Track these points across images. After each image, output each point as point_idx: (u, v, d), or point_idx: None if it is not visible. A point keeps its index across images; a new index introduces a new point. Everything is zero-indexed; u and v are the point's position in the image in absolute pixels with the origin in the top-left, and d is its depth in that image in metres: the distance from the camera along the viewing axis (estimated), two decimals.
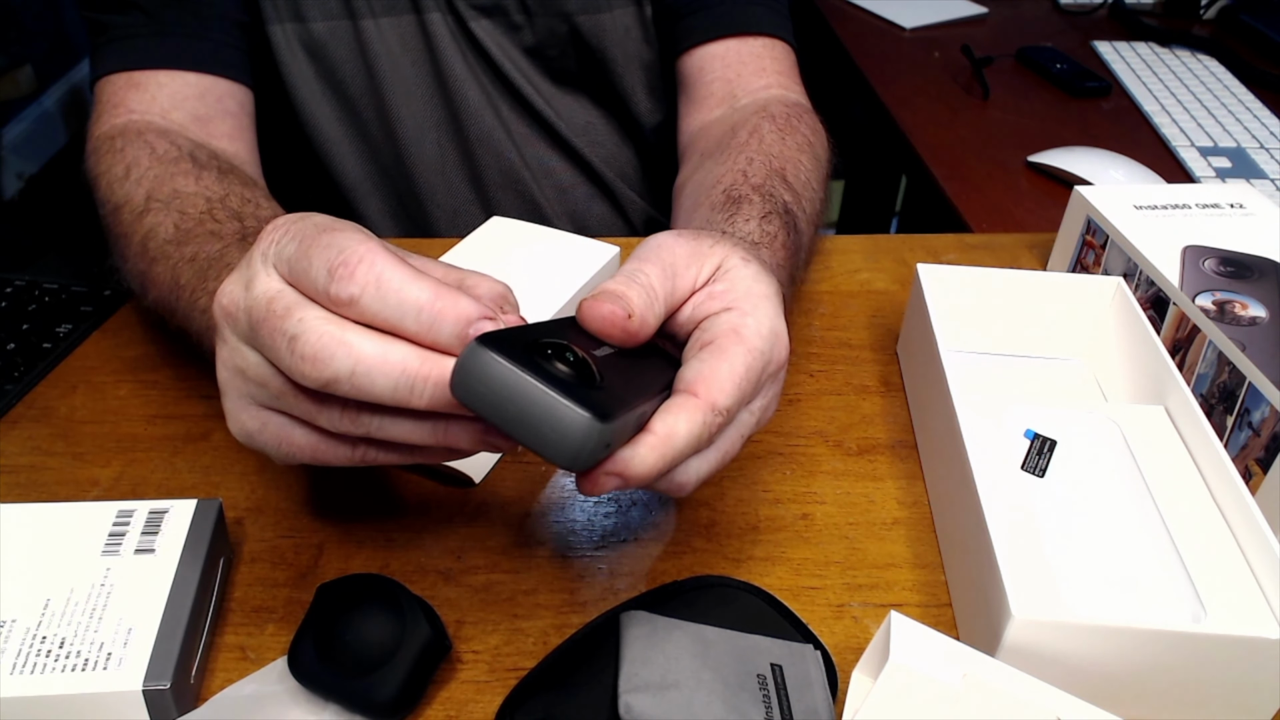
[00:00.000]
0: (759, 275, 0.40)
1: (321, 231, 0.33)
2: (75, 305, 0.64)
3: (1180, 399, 0.50)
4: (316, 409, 0.34)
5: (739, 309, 0.38)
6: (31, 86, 2.16)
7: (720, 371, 0.36)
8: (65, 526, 0.43)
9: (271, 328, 0.33)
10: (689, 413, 0.35)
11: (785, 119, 0.65)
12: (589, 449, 0.30)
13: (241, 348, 0.35)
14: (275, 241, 0.34)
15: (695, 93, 0.73)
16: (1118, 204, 0.65)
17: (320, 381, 0.32)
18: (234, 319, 0.35)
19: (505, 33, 0.74)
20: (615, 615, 0.40)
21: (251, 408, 0.36)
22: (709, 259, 0.40)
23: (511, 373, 0.29)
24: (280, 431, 0.36)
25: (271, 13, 0.70)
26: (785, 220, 0.53)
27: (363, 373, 0.32)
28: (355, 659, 0.38)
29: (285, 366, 0.33)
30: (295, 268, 0.33)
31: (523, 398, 0.29)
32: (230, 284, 0.36)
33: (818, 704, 0.37)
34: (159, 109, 0.63)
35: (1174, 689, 0.39)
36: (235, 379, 0.36)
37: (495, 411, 0.30)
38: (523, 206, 0.81)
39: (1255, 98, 1.06)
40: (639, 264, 0.38)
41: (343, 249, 0.32)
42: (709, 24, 0.72)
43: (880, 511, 0.51)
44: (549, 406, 0.29)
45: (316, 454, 0.36)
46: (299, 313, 0.32)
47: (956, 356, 0.60)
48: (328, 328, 0.32)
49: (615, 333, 0.35)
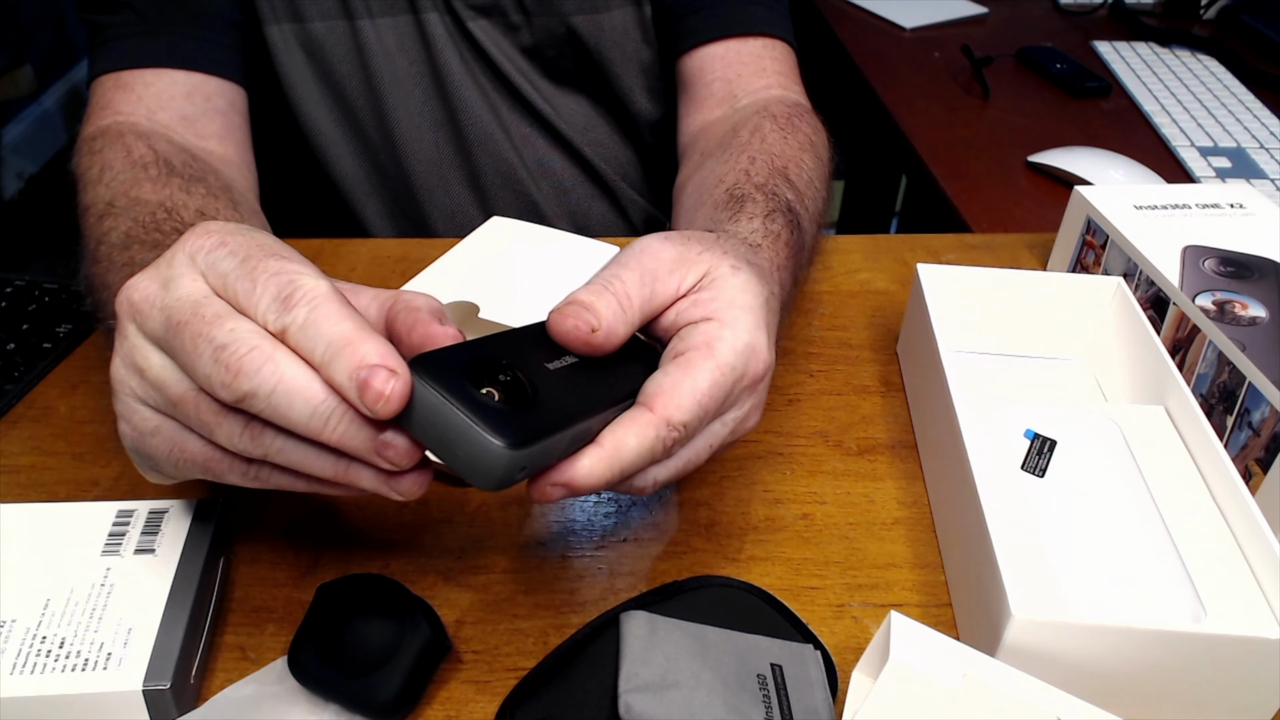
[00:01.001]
0: (746, 285, 0.39)
1: (269, 255, 0.33)
2: (75, 305, 0.64)
3: (1180, 399, 0.50)
4: (215, 422, 0.33)
5: (718, 319, 0.38)
6: (31, 86, 2.16)
7: (682, 387, 0.36)
8: (65, 526, 0.43)
9: (195, 331, 0.32)
10: (640, 427, 0.35)
11: (787, 118, 0.65)
12: (501, 474, 0.31)
13: (145, 346, 0.34)
14: (206, 249, 0.34)
15: (695, 93, 0.73)
16: (1118, 204, 0.65)
17: (237, 394, 0.31)
18: (144, 316, 0.34)
19: (503, 33, 0.74)
20: (615, 615, 0.40)
21: (143, 409, 0.35)
22: (695, 265, 0.39)
23: (434, 397, 0.31)
24: (174, 437, 0.35)
25: (269, 13, 0.69)
26: (789, 219, 0.53)
27: (282, 393, 0.31)
28: (355, 659, 0.38)
29: (202, 374, 0.32)
30: (232, 285, 0.33)
31: (444, 422, 0.31)
32: (143, 279, 0.34)
33: (818, 704, 0.37)
34: (145, 109, 0.63)
35: (1174, 689, 0.39)
36: (131, 377, 0.35)
37: (421, 433, 0.31)
38: (521, 207, 0.81)
39: (1255, 98, 1.06)
40: (617, 269, 0.38)
41: (291, 280, 0.32)
42: (709, 24, 0.72)
43: (880, 511, 0.51)
44: (464, 432, 0.30)
45: (209, 467, 0.35)
46: (230, 322, 0.32)
47: (956, 356, 0.60)
48: (259, 342, 0.31)
49: (580, 346, 0.36)
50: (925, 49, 1.22)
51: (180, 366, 0.33)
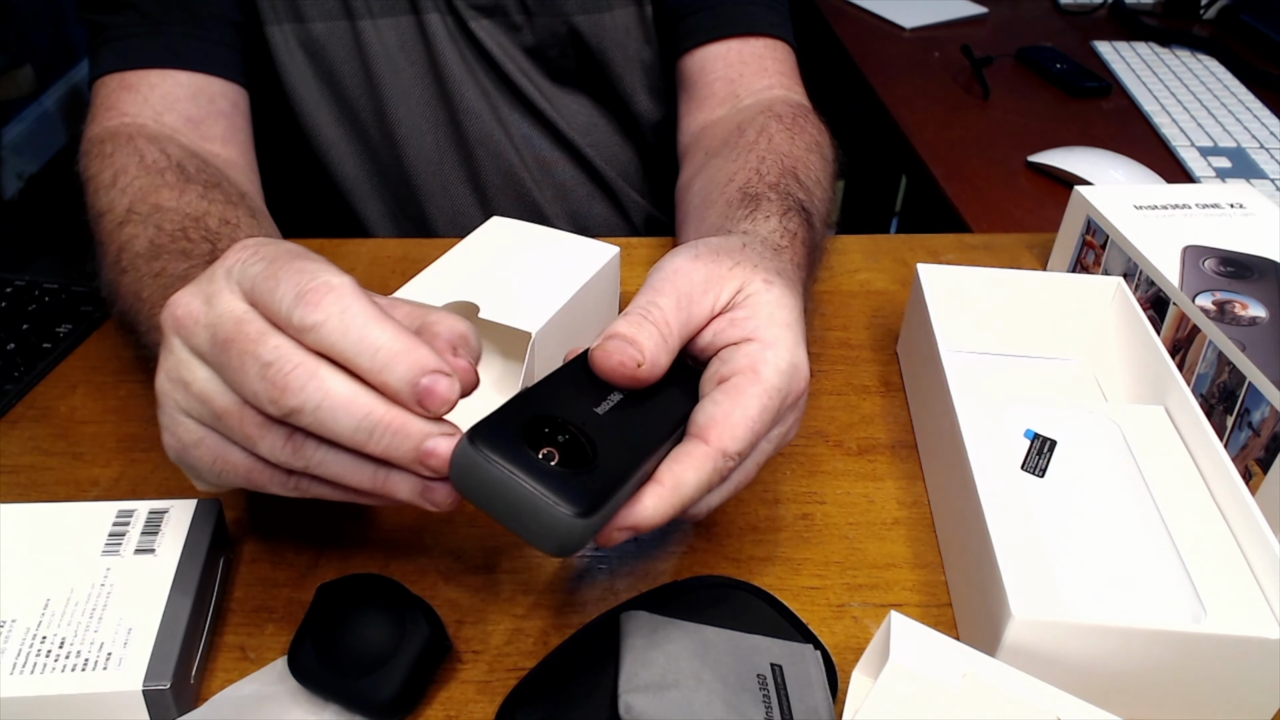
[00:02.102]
0: (781, 300, 0.39)
1: (294, 257, 0.34)
2: (75, 305, 0.64)
3: (1180, 399, 0.50)
4: (259, 435, 0.34)
5: (759, 340, 0.38)
6: (31, 86, 2.16)
7: (734, 416, 0.36)
8: (65, 526, 0.43)
9: (241, 349, 0.32)
10: (697, 461, 0.35)
11: (792, 119, 0.65)
12: (573, 543, 0.31)
13: (190, 360, 0.35)
14: (242, 261, 0.34)
15: (696, 92, 0.73)
16: (1118, 204, 0.65)
17: (284, 410, 0.32)
18: (188, 332, 0.34)
19: (505, 33, 0.74)
20: (615, 615, 0.40)
21: (187, 421, 0.36)
22: (728, 282, 0.39)
23: (499, 472, 0.31)
24: (217, 449, 0.36)
25: (270, 14, 0.69)
26: (803, 218, 0.53)
27: (328, 409, 0.32)
28: (355, 659, 0.38)
29: (250, 389, 0.32)
30: (259, 287, 0.33)
31: (511, 495, 0.31)
32: (186, 295, 0.35)
33: (818, 704, 0.37)
34: (151, 111, 0.63)
35: (1174, 689, 0.39)
36: (176, 391, 0.35)
37: (489, 505, 0.31)
38: (522, 207, 0.81)
39: (1255, 98, 1.06)
40: (653, 295, 0.38)
41: (315, 276, 0.32)
42: (710, 24, 0.72)
43: (880, 511, 0.51)
44: (534, 504, 0.31)
45: (251, 478, 0.36)
46: (273, 339, 0.32)
47: (956, 356, 0.60)
48: (303, 358, 0.32)
49: (626, 381, 0.36)
50: (925, 49, 1.22)
51: (226, 381, 0.34)
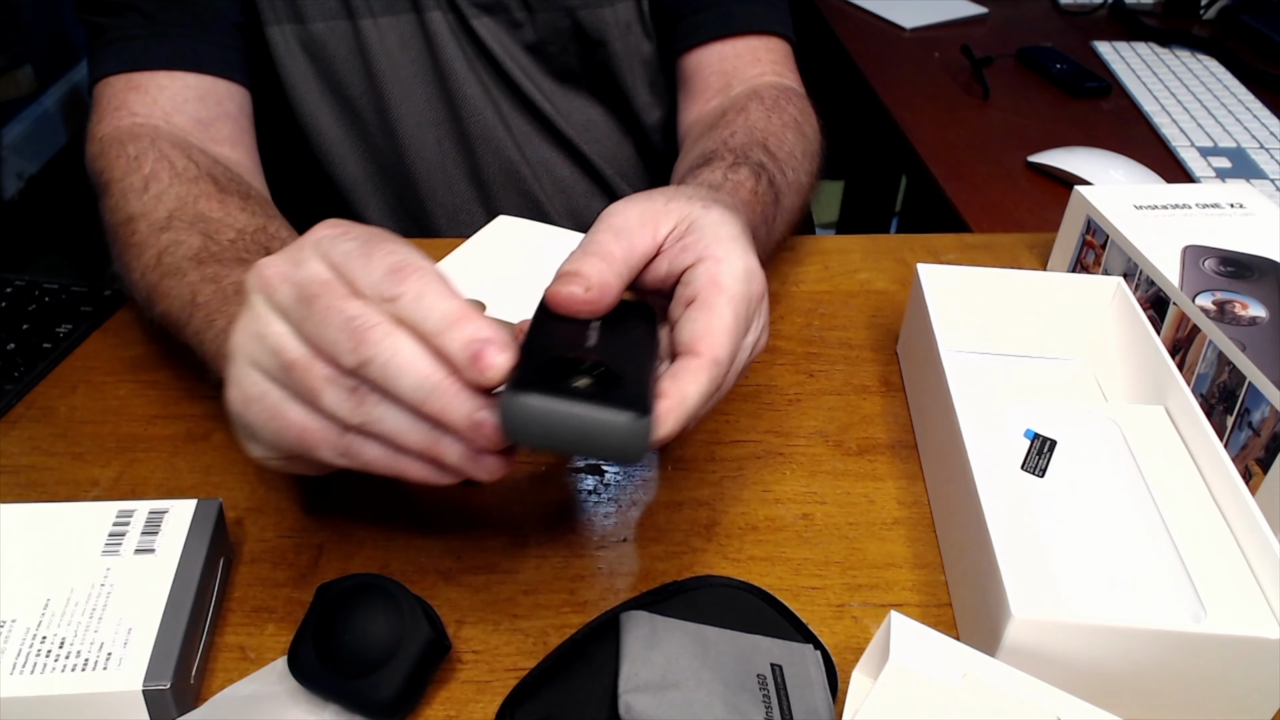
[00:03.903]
0: (722, 219, 0.42)
1: (385, 239, 0.36)
2: (75, 305, 0.64)
3: (1180, 399, 0.50)
4: (323, 387, 0.36)
5: (711, 257, 0.40)
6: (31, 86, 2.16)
7: (714, 326, 0.39)
8: (65, 526, 0.43)
9: (328, 304, 0.35)
10: (695, 373, 0.38)
11: (774, 100, 0.67)
12: (643, 443, 0.34)
13: (269, 314, 0.37)
14: (331, 236, 0.37)
15: (693, 87, 0.75)
16: (1118, 204, 0.65)
17: (359, 359, 0.34)
18: (272, 289, 0.37)
19: (506, 29, 0.74)
20: (615, 615, 0.40)
21: (254, 374, 0.38)
22: (665, 215, 0.42)
23: (558, 408, 0.33)
24: (276, 405, 0.37)
25: (270, 14, 0.69)
26: (756, 172, 0.55)
27: (396, 364, 0.34)
28: (355, 659, 0.38)
29: (329, 339, 0.35)
30: (350, 262, 0.36)
31: (576, 424, 0.33)
32: (275, 261, 0.37)
33: (818, 704, 0.37)
34: (161, 112, 0.63)
35: (1174, 689, 0.39)
36: (250, 343, 0.37)
37: (554, 442, 0.33)
38: (523, 204, 0.81)
39: (1255, 98, 1.06)
40: (590, 234, 0.41)
41: (405, 258, 0.35)
42: (709, 24, 0.74)
43: (880, 511, 0.51)
44: (602, 423, 0.33)
45: (304, 438, 0.37)
46: (356, 300, 0.35)
47: (956, 356, 0.60)
48: (381, 318, 0.35)
49: (582, 308, 0.38)
50: (925, 49, 1.22)
51: (304, 334, 0.36)
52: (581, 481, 0.52)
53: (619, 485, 0.52)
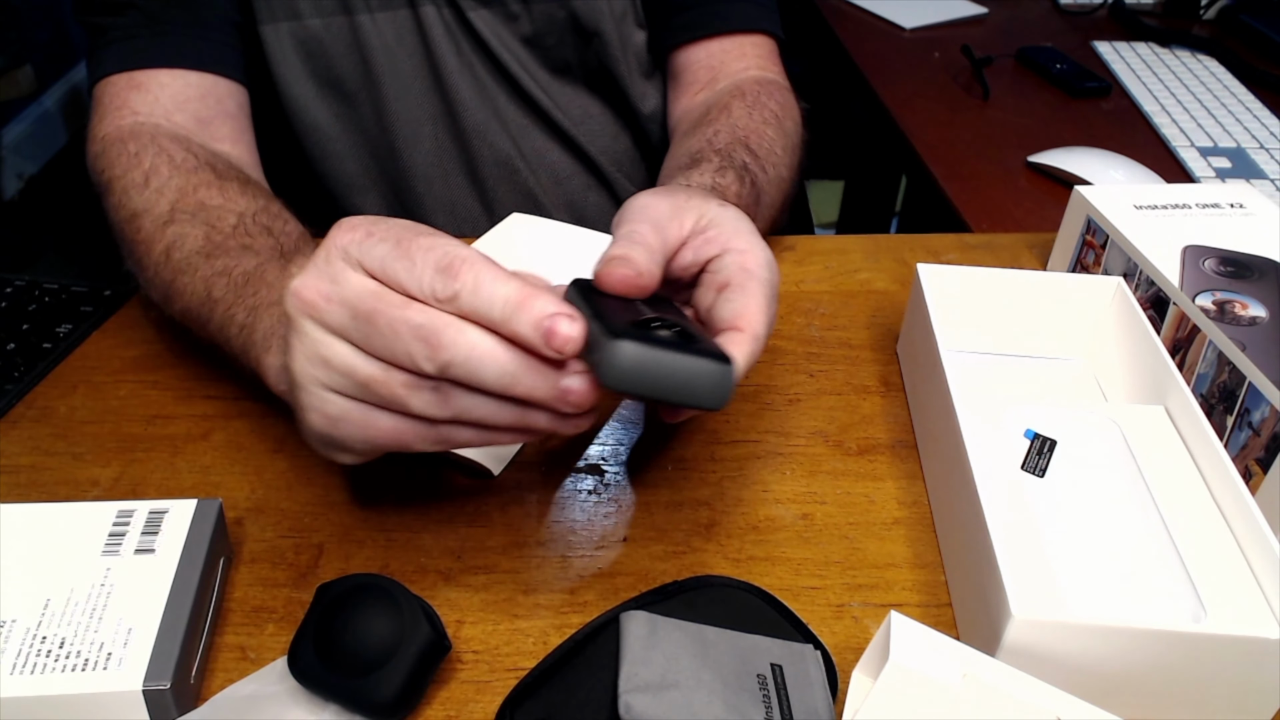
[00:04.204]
0: (739, 216, 0.46)
1: (416, 234, 0.36)
2: (75, 305, 0.64)
3: (1180, 399, 0.50)
4: (407, 394, 0.37)
5: (736, 248, 0.44)
6: (31, 86, 2.16)
7: (750, 306, 0.43)
8: (65, 526, 0.43)
9: (390, 317, 0.35)
10: (740, 345, 0.41)
11: (755, 96, 0.69)
12: (731, 390, 0.36)
13: (327, 338, 0.37)
14: (356, 243, 0.36)
15: (681, 81, 0.78)
16: (1118, 204, 0.65)
17: (440, 364, 0.35)
18: (322, 311, 0.37)
19: (503, 22, 0.74)
20: (615, 615, 0.40)
21: (331, 396, 0.38)
22: (689, 211, 0.45)
23: (656, 356, 0.35)
24: (364, 419, 0.38)
25: (265, 12, 0.69)
26: (740, 175, 0.58)
27: (477, 358, 0.35)
28: (355, 659, 0.38)
29: (404, 351, 0.35)
30: (391, 266, 0.36)
31: (672, 370, 0.35)
32: (306, 279, 0.37)
33: (818, 704, 0.37)
34: (162, 110, 0.63)
35: (1174, 689, 0.39)
36: (316, 369, 0.38)
37: (651, 388, 0.35)
38: (519, 198, 0.81)
39: (1255, 98, 1.06)
40: (631, 225, 0.43)
41: (447, 252, 0.35)
42: (700, 23, 0.76)
43: (880, 511, 0.51)
44: (698, 370, 0.35)
45: (399, 438, 0.39)
46: (415, 306, 0.35)
47: (956, 356, 0.60)
48: (448, 318, 0.35)
49: (633, 290, 0.41)
50: (925, 49, 1.22)
51: (372, 350, 0.36)
52: (581, 481, 0.52)
53: (619, 485, 0.52)
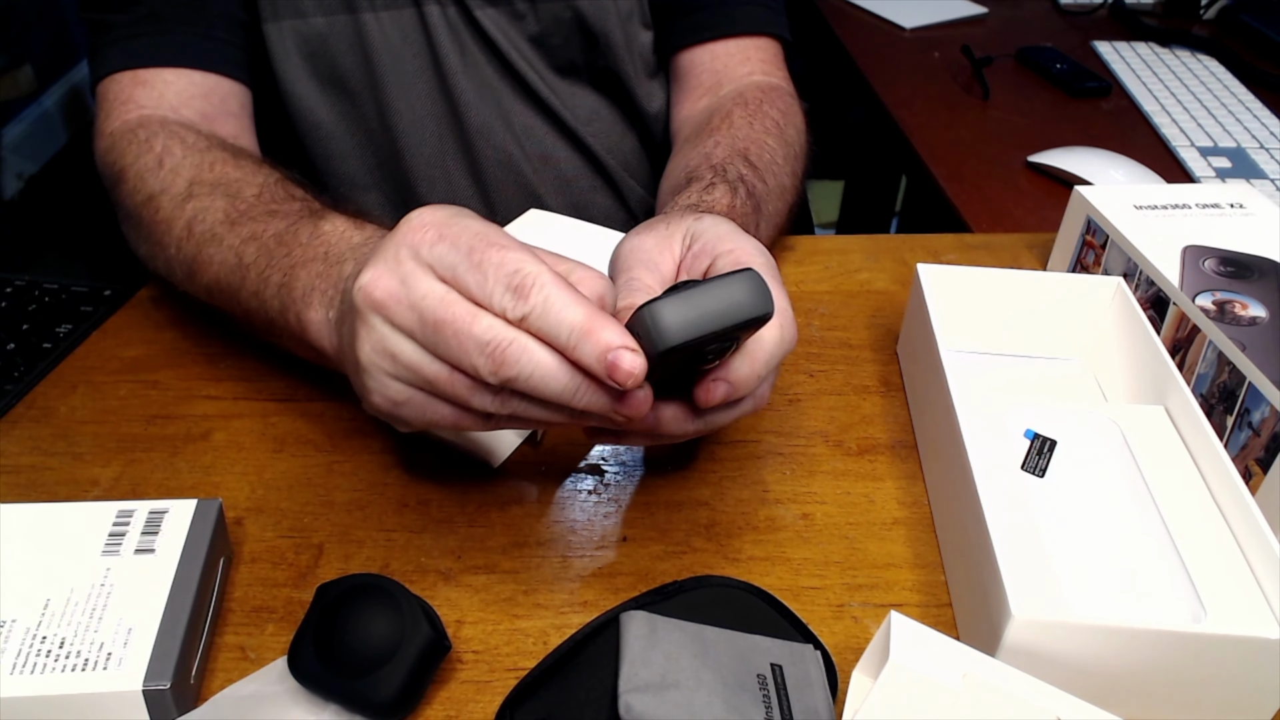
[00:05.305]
0: (715, 220, 0.47)
1: (489, 245, 0.37)
2: (75, 305, 0.64)
3: (1180, 399, 0.50)
4: (469, 395, 0.38)
5: (724, 250, 0.45)
6: (31, 86, 2.16)
7: None
8: (65, 526, 0.43)
9: (457, 330, 0.36)
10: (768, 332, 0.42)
11: (757, 104, 0.69)
12: (768, 290, 0.38)
13: (395, 336, 0.38)
14: (428, 244, 0.37)
15: (686, 84, 0.78)
16: (1118, 204, 0.65)
17: (502, 379, 0.37)
18: (392, 311, 0.38)
19: (510, 21, 0.74)
20: (615, 615, 0.40)
21: (395, 384, 0.40)
22: (673, 238, 0.47)
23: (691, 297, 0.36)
24: (425, 405, 0.40)
25: (269, 10, 0.69)
26: (733, 188, 0.58)
27: (539, 376, 0.36)
28: (355, 659, 0.38)
29: (469, 363, 0.37)
30: (465, 277, 0.37)
31: (711, 301, 0.37)
32: (377, 275, 0.38)
33: (818, 704, 0.37)
34: (169, 106, 0.64)
35: (1174, 689, 0.39)
36: (383, 360, 0.39)
37: (700, 326, 0.36)
38: (523, 197, 0.81)
39: (1255, 98, 1.06)
40: (629, 274, 0.45)
41: (518, 270, 0.36)
42: (706, 25, 0.75)
43: (880, 511, 0.51)
44: (729, 288, 0.37)
45: (458, 422, 0.41)
46: (483, 320, 0.37)
47: (956, 356, 0.60)
48: (514, 335, 0.36)
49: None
50: (925, 49, 1.22)
51: (439, 356, 0.38)
52: (581, 481, 0.52)
53: (619, 485, 0.52)
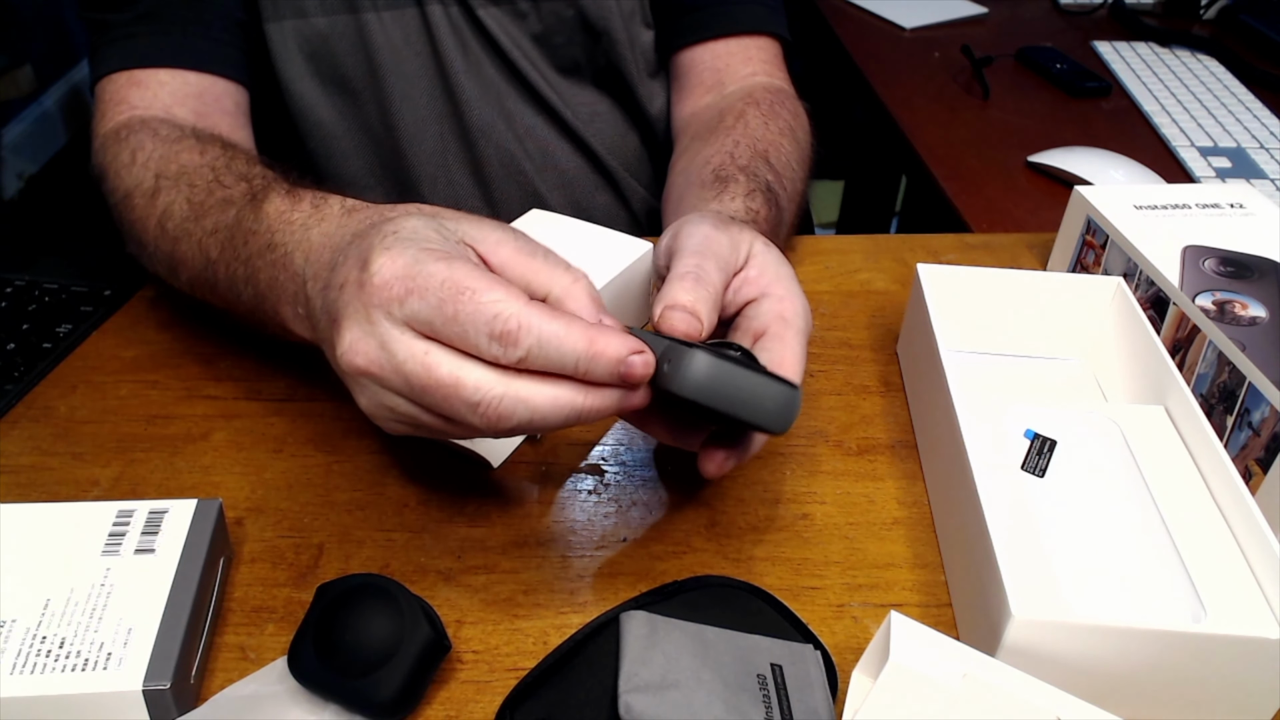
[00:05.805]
0: (780, 258, 0.47)
1: (459, 295, 0.35)
2: (75, 305, 0.64)
3: (1180, 399, 0.50)
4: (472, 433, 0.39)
5: (775, 295, 0.46)
6: (31, 86, 2.16)
7: (788, 357, 0.44)
8: (65, 526, 0.43)
9: (444, 395, 0.36)
10: None
11: (770, 105, 0.69)
12: (796, 414, 0.38)
13: (390, 396, 0.38)
14: (399, 299, 0.36)
15: (686, 82, 0.78)
16: (1118, 204, 0.65)
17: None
18: (380, 378, 0.37)
19: (512, 20, 0.74)
20: (615, 615, 0.40)
21: (400, 425, 0.40)
22: (739, 248, 0.46)
23: (731, 370, 0.36)
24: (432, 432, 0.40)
25: (270, 10, 0.70)
26: (768, 197, 0.59)
27: (540, 416, 0.36)
28: (355, 659, 0.38)
29: (465, 422, 0.37)
30: (444, 330, 0.36)
31: (744, 386, 0.37)
32: (354, 341, 0.37)
33: (818, 704, 0.37)
34: (161, 105, 0.64)
35: (1174, 689, 0.39)
36: (382, 412, 0.39)
37: (721, 400, 0.36)
38: (525, 197, 0.81)
39: (1255, 98, 1.06)
40: (699, 260, 0.44)
41: (497, 315, 0.35)
42: (708, 24, 0.76)
43: (880, 511, 0.51)
44: (767, 389, 0.37)
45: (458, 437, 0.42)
46: (470, 377, 0.36)
47: (956, 356, 0.60)
48: (504, 387, 0.36)
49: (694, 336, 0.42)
50: (925, 49, 1.22)
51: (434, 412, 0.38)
52: (581, 481, 0.52)
53: (619, 485, 0.52)
